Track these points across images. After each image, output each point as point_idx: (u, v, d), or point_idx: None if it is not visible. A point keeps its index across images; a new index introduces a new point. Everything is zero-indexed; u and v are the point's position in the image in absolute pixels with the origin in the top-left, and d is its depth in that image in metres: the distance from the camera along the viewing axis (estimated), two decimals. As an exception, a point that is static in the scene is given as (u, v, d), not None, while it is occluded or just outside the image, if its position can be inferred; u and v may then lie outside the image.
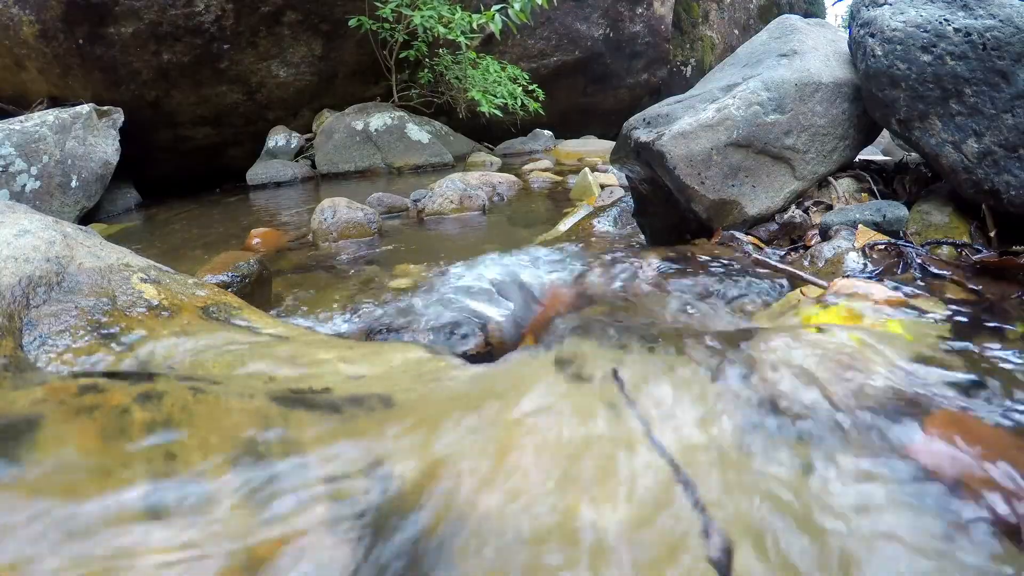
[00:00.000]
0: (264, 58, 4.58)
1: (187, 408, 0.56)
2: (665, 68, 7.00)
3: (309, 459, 0.53)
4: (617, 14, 6.23)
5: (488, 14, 4.41)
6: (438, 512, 0.51)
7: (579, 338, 0.75)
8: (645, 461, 0.57)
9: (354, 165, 4.48)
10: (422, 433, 0.59)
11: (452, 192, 2.65)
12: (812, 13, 8.91)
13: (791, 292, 1.09)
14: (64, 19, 3.92)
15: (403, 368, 0.78)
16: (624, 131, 1.52)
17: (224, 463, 0.51)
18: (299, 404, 0.62)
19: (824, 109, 1.46)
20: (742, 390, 0.66)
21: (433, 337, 1.04)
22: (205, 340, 0.85)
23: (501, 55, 5.39)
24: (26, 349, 0.78)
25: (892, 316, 0.90)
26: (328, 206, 2.35)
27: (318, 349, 0.84)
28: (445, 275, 1.35)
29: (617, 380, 0.66)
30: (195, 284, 1.02)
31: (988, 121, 1.17)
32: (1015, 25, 1.13)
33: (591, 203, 2.53)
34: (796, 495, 0.54)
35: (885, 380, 0.68)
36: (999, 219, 1.22)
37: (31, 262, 0.87)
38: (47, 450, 0.49)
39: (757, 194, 1.42)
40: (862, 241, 1.22)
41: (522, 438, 0.59)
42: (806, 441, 0.60)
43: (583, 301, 1.08)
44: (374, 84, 5.15)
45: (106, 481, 0.48)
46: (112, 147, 3.75)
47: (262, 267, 1.50)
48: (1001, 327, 0.88)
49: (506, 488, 0.53)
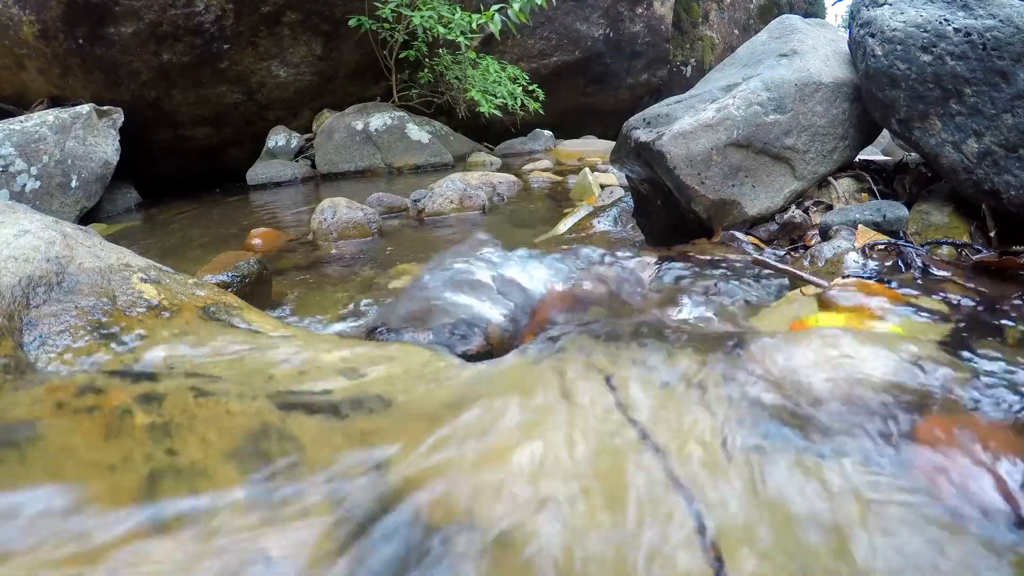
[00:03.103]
0: (264, 58, 4.58)
1: (188, 409, 0.56)
2: (665, 68, 6.99)
3: (309, 460, 0.53)
4: (617, 14, 6.23)
5: (488, 14, 4.40)
6: (437, 513, 0.51)
7: (578, 339, 0.75)
8: (640, 464, 0.56)
9: (354, 165, 4.48)
10: (422, 434, 0.59)
11: (452, 192, 2.65)
12: (812, 13, 8.91)
13: (791, 292, 1.09)
14: (64, 19, 3.92)
15: (403, 368, 0.78)
16: (624, 131, 1.52)
17: (224, 463, 0.51)
18: (299, 405, 0.62)
19: (824, 109, 1.46)
20: (741, 392, 0.66)
21: (433, 337, 1.04)
22: (205, 340, 0.85)
23: (501, 55, 5.39)
24: (26, 349, 0.78)
25: (892, 316, 0.90)
26: (328, 206, 2.35)
27: (318, 349, 0.84)
28: (445, 275, 1.35)
29: (610, 384, 0.66)
30: (195, 284, 1.02)
31: (988, 121, 1.17)
32: (1015, 25, 1.13)
33: (591, 203, 2.53)
34: (796, 498, 0.54)
35: (885, 380, 0.68)
36: (999, 219, 1.21)
37: (31, 262, 0.87)
38: (47, 451, 0.49)
39: (757, 194, 1.42)
40: (862, 241, 1.22)
41: (521, 441, 0.59)
42: (805, 443, 0.60)
43: (582, 302, 1.08)
44: (374, 84, 5.15)
45: (107, 482, 0.48)
46: (112, 147, 3.75)
47: (262, 267, 1.50)
48: (1001, 327, 0.88)
49: (505, 490, 0.53)
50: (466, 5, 4.76)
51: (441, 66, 4.96)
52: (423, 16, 4.39)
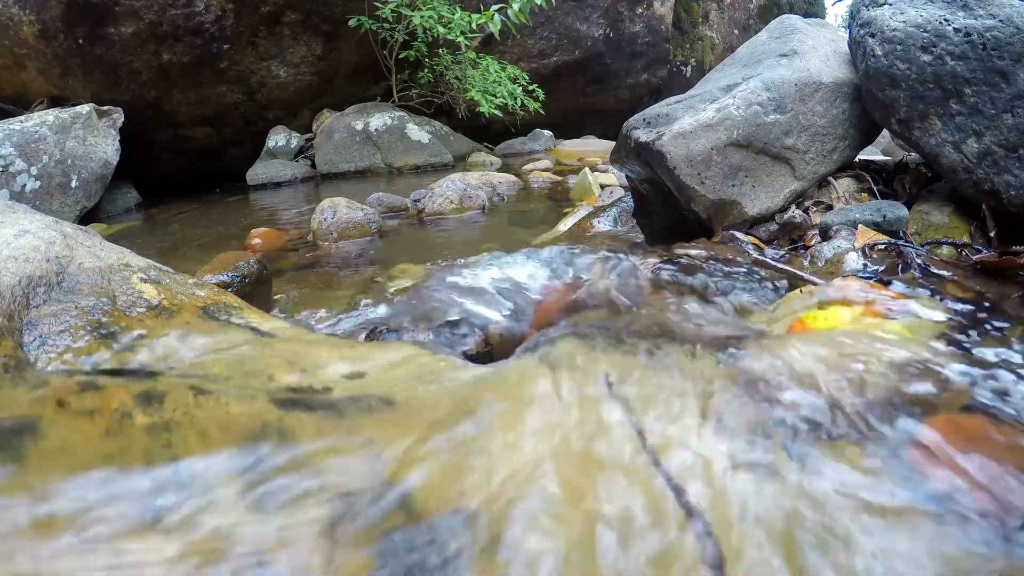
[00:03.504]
0: (264, 58, 4.58)
1: (187, 408, 0.56)
2: (665, 68, 7.00)
3: (309, 460, 0.53)
4: (617, 14, 6.23)
5: (487, 14, 4.41)
6: (435, 515, 0.51)
7: (578, 340, 0.75)
8: (638, 467, 0.57)
9: (354, 165, 4.48)
10: (422, 434, 0.59)
11: (452, 192, 2.65)
12: (812, 13, 8.91)
13: (791, 292, 1.09)
14: (64, 19, 3.92)
15: (403, 368, 0.78)
16: (624, 131, 1.52)
17: (225, 464, 0.51)
18: (299, 404, 0.62)
19: (824, 109, 1.46)
20: (741, 395, 0.66)
21: (433, 337, 1.04)
22: (205, 340, 0.85)
23: (501, 55, 5.40)
24: (26, 349, 0.78)
25: (892, 316, 0.90)
26: (328, 206, 2.35)
27: (318, 349, 0.84)
28: (445, 275, 1.35)
29: (610, 387, 0.66)
30: (195, 284, 1.02)
31: (988, 121, 1.17)
32: (1015, 25, 1.13)
33: (591, 203, 2.53)
34: (796, 500, 0.54)
35: (885, 381, 0.68)
36: (999, 219, 1.22)
37: (31, 262, 0.87)
38: (48, 451, 0.49)
39: (757, 194, 1.42)
40: (862, 241, 1.22)
41: (521, 442, 0.59)
42: (805, 444, 0.60)
43: (582, 302, 1.08)
44: (374, 84, 5.16)
45: (107, 482, 0.48)
46: (112, 147, 3.75)
47: (262, 267, 1.50)
48: (1001, 327, 0.88)
49: (504, 492, 0.53)
50: (466, 5, 4.76)
51: (441, 66, 4.96)
52: (423, 16, 4.39)
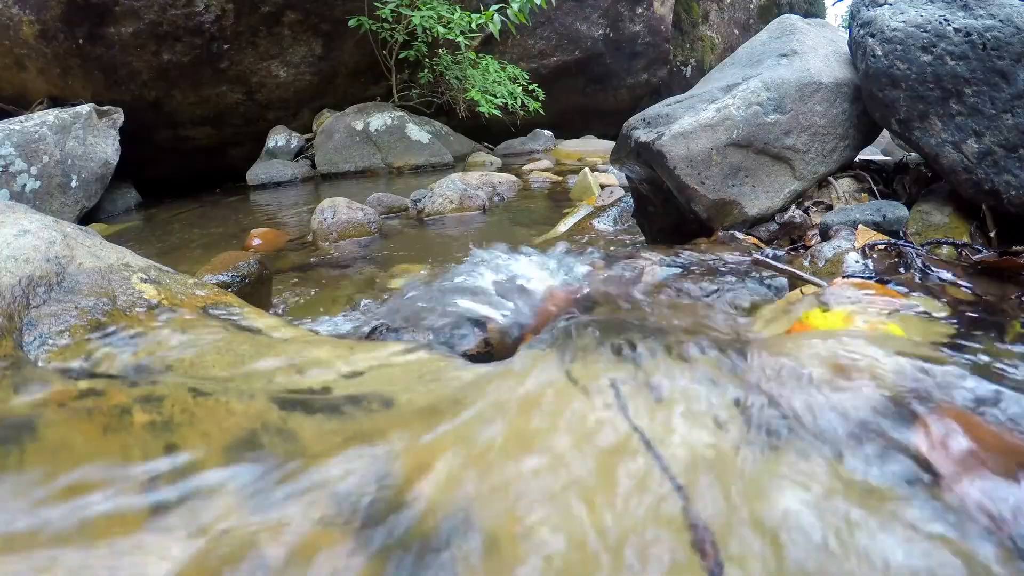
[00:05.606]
0: (264, 58, 4.58)
1: (187, 410, 0.56)
2: (665, 68, 7.00)
3: (309, 460, 0.53)
4: (617, 14, 6.23)
5: (487, 14, 4.41)
6: (436, 514, 0.51)
7: (578, 341, 0.75)
8: (641, 469, 0.57)
9: (354, 165, 4.48)
10: (423, 433, 0.59)
11: (452, 192, 2.65)
12: (812, 13, 8.91)
13: (791, 292, 1.09)
14: (64, 19, 3.92)
15: (403, 368, 0.78)
16: (624, 131, 1.52)
17: (225, 464, 0.51)
18: (299, 405, 0.62)
19: (824, 109, 1.46)
20: (741, 395, 0.66)
21: (433, 337, 1.04)
22: (205, 340, 0.85)
23: (501, 55, 5.40)
24: (26, 349, 0.78)
25: (892, 316, 0.90)
26: (328, 206, 2.35)
27: (318, 349, 0.84)
28: (444, 275, 1.35)
29: (614, 387, 0.66)
30: (195, 284, 1.02)
31: (988, 121, 1.17)
32: (1015, 25, 1.13)
33: (591, 203, 2.53)
34: (796, 502, 0.54)
35: (885, 381, 0.68)
36: (999, 219, 1.22)
37: (31, 262, 0.86)
38: (47, 450, 0.49)
39: (757, 194, 1.42)
40: (862, 241, 1.22)
41: (524, 443, 0.59)
42: (805, 445, 0.60)
43: (582, 302, 1.08)
44: (374, 84, 5.16)
45: (107, 481, 0.48)
46: (112, 147, 3.75)
47: (262, 267, 1.50)
48: (1001, 327, 0.88)
49: (508, 492, 0.53)
50: (466, 5, 4.76)
51: (441, 66, 4.96)
52: (423, 16, 4.40)
